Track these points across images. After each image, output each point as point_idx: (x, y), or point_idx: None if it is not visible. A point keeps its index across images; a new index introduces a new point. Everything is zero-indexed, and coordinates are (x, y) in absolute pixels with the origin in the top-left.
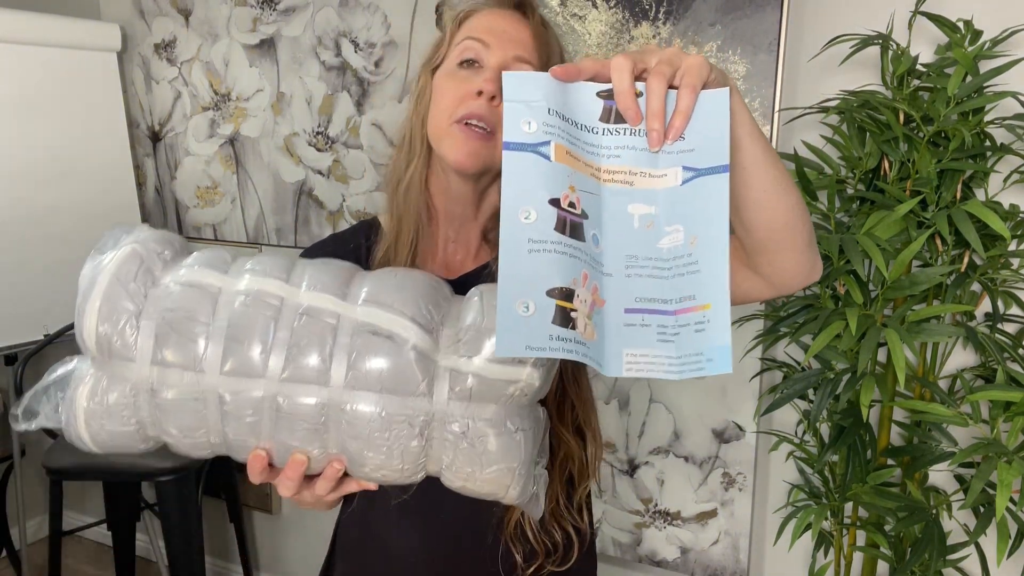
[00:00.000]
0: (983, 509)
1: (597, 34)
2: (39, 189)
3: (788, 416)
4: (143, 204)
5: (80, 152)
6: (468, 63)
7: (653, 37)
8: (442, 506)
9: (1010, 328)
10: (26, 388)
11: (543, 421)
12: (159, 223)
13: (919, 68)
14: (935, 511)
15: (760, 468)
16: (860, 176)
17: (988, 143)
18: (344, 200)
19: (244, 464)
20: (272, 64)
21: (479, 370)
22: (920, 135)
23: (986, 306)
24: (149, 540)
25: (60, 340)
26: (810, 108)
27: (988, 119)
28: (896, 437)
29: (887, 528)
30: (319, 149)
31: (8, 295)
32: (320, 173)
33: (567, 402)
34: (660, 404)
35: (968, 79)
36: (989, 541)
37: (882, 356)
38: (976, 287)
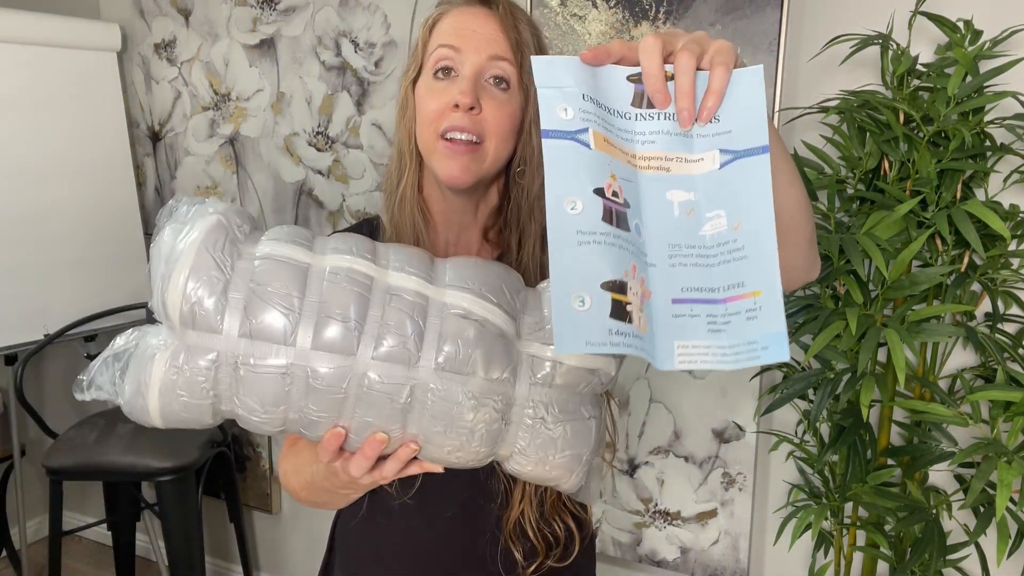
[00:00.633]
0: (983, 509)
1: (597, 34)
2: (39, 189)
3: (788, 416)
4: (143, 204)
5: (80, 152)
6: (444, 71)
7: None
8: (442, 506)
9: (1010, 328)
10: (26, 388)
11: (605, 409)
12: None
13: (919, 68)
14: (935, 511)
15: (760, 468)
16: (860, 176)
17: (988, 143)
18: (344, 200)
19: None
20: (272, 64)
21: (560, 357)
22: (920, 135)
23: (986, 306)
24: (149, 540)
25: (60, 340)
26: (810, 108)
27: (988, 119)
28: (896, 437)
29: (887, 528)
30: (319, 149)
31: (8, 295)
32: (320, 173)
33: None
34: (660, 404)
35: (968, 79)
36: (989, 541)
37: (882, 356)
38: (976, 287)
